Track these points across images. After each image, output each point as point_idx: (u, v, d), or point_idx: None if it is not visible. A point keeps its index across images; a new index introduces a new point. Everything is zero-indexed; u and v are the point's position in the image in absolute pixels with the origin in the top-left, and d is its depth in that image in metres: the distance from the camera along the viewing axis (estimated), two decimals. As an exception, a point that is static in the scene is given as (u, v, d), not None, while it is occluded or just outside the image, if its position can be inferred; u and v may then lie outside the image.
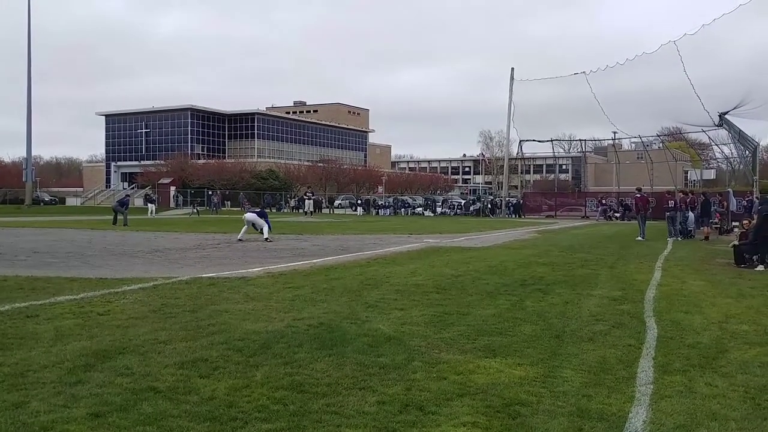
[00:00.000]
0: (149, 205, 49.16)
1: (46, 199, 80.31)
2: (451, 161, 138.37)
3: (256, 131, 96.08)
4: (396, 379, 5.15)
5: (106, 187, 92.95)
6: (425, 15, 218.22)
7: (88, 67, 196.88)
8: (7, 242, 19.77)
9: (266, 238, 20.41)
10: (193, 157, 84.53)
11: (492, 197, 65.83)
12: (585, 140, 67.04)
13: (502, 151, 78.95)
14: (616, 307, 8.68)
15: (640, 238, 23.28)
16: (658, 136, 60.38)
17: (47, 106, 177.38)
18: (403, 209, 60.71)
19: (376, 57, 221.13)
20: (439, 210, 58.69)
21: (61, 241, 20.55)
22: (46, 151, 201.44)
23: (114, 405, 4.41)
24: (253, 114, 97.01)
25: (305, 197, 53.75)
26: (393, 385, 4.99)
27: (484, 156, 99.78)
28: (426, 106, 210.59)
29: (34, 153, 70.35)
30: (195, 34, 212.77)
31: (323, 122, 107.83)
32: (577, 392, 4.94)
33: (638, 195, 26.39)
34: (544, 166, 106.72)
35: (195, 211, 50.28)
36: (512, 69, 54.33)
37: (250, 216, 21.81)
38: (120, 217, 31.53)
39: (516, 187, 73.93)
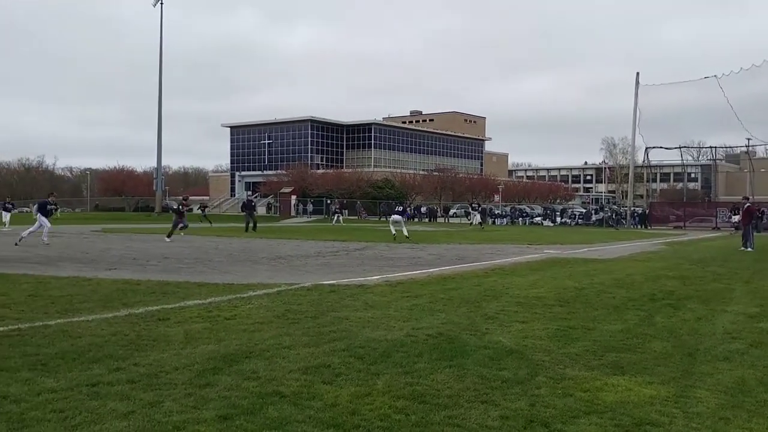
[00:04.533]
0: (336, 215, 52.50)
1: (175, 207, 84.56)
2: (571, 169, 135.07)
3: (373, 141, 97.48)
4: (519, 394, 5.01)
5: (231, 196, 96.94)
6: (548, 22, 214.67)
7: (216, 82, 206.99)
8: (139, 248, 20.97)
9: (397, 235, 24.29)
10: (312, 167, 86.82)
11: (616, 207, 63.55)
12: (716, 147, 63.89)
13: (626, 159, 76.10)
14: (753, 325, 8.10)
15: (746, 248, 22.02)
16: (798, 142, 56.42)
17: (177, 119, 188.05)
18: (520, 219, 59.74)
19: (497, 65, 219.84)
20: (559, 220, 57.28)
21: (188, 247, 21.56)
22: (174, 161, 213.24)
23: (241, 408, 4.52)
24: (370, 124, 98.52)
25: (471, 208, 49.78)
26: (516, 400, 4.86)
27: (606, 164, 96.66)
28: (546, 113, 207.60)
29: (163, 163, 74.53)
30: (320, 49, 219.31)
31: (439, 131, 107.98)
32: (712, 414, 4.63)
33: (747, 205, 24.94)
34: (672, 175, 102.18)
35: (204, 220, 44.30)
36: (637, 74, 52.55)
37: (396, 217, 24.41)
38: (250, 223, 33.12)
39: (641, 196, 71.10)
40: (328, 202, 65.83)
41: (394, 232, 26.84)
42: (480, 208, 47.66)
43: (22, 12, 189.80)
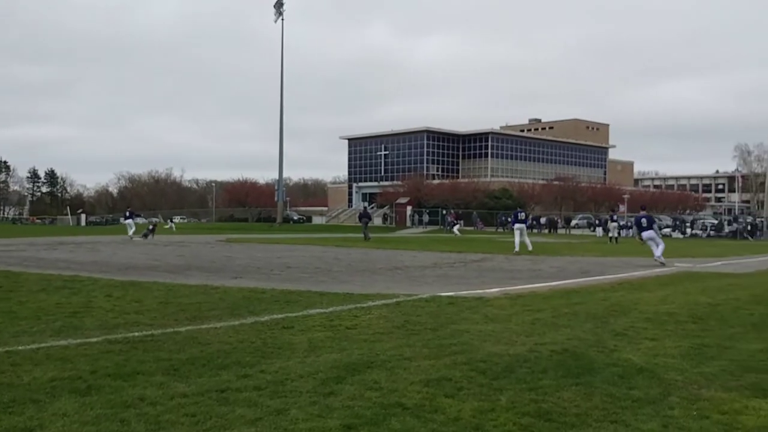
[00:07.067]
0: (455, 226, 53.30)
1: (295, 218, 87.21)
2: (701, 178, 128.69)
3: (489, 150, 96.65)
4: (651, 415, 4.76)
5: (348, 207, 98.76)
6: (691, 25, 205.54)
7: (347, 95, 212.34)
8: (263, 257, 21.69)
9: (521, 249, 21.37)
10: (428, 177, 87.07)
11: (751, 218, 59.87)
12: None
13: (762, 167, 71.67)
14: None
15: None
16: None
17: (305, 132, 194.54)
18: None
19: (625, 72, 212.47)
20: (689, 231, 54.52)
21: (309, 257, 22.10)
22: (298, 173, 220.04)
23: (365, 418, 4.52)
24: (486, 133, 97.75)
25: (611, 220, 42.10)
26: (648, 421, 4.61)
27: (740, 172, 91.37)
28: (674, 120, 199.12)
29: (284, 175, 77.19)
30: (451, 59, 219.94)
31: (559, 139, 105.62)
32: None
33: None
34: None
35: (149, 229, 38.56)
36: (774, 76, 49.34)
37: (520, 225, 24.98)
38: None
39: (779, 206, 66.57)
40: (443, 212, 65.79)
41: (518, 244, 25.36)
42: (617, 219, 42.60)
43: (165, 28, 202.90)
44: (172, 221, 63.45)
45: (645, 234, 19.48)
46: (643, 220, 19.84)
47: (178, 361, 6.10)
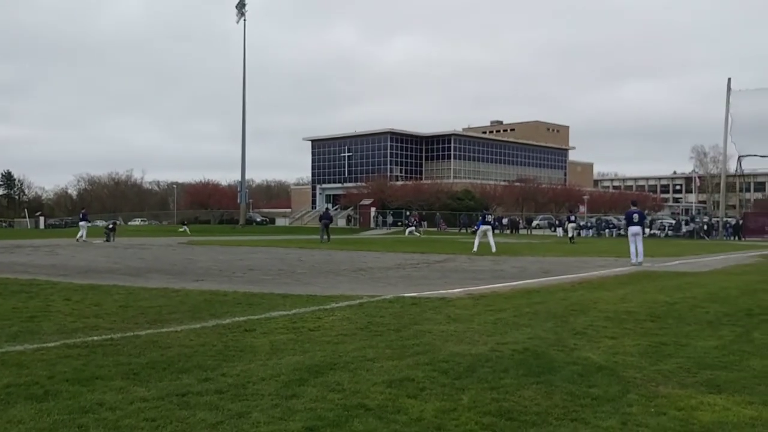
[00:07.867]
0: (409, 228, 54.06)
1: (258, 220, 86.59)
2: (660, 179, 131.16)
3: (452, 152, 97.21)
4: (610, 412, 4.83)
5: (312, 208, 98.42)
6: (652, 28, 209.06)
7: (315, 96, 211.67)
8: (225, 259, 21.51)
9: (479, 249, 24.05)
10: (391, 178, 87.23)
11: (707, 218, 61.23)
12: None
13: (717, 168, 73.30)
14: None
15: None
16: None
17: (271, 133, 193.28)
18: (606, 230, 58.24)
19: (589, 74, 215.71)
20: (647, 231, 55.50)
21: (272, 259, 21.98)
22: (258, 174, 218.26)
23: (327, 420, 4.51)
24: (449, 135, 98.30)
25: (569, 220, 43.70)
26: (607, 418, 4.68)
27: (696, 173, 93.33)
28: (634, 121, 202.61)
29: (247, 176, 76.57)
30: (417, 61, 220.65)
31: (520, 141, 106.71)
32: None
33: None
34: (767, 184, 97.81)
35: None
36: (729, 79, 50.51)
37: (485, 226, 26.31)
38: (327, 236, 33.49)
39: (734, 206, 68.15)
40: (407, 213, 66.03)
41: (477, 245, 26.59)
42: (575, 220, 44.06)
43: (127, 28, 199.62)
44: (185, 225, 63.34)
45: (633, 229, 19.89)
46: (635, 216, 20.12)
47: (138, 365, 6.01)
